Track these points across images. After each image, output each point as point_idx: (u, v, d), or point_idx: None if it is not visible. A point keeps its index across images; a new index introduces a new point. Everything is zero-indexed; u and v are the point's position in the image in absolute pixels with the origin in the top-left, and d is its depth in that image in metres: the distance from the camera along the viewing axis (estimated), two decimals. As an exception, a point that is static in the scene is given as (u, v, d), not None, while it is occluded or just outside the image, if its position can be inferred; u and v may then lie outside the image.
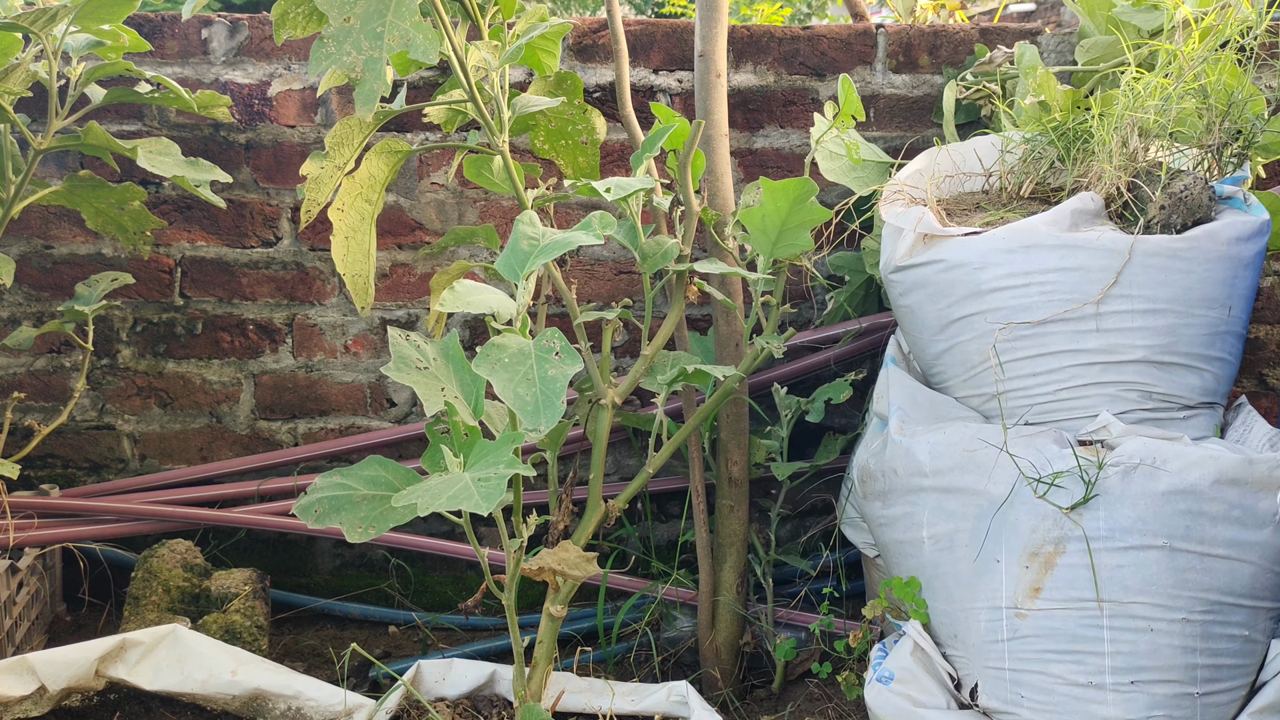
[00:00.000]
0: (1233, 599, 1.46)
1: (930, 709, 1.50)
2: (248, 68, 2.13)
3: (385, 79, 1.30)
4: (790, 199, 1.47)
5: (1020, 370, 1.58)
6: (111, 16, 1.81)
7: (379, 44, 1.30)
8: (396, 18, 1.30)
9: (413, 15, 1.31)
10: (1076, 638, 1.46)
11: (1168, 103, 1.64)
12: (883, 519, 1.65)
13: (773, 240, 1.53)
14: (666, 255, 1.51)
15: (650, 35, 2.15)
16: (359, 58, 1.29)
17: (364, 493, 1.22)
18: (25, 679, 1.62)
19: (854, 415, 2.21)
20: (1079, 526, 1.46)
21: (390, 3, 1.30)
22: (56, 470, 2.21)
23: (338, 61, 1.30)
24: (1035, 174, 1.76)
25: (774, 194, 1.48)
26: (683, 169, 1.50)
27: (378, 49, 1.30)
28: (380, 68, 1.29)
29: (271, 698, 1.66)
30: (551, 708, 1.62)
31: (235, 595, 1.92)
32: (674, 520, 2.25)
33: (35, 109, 2.05)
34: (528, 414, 1.12)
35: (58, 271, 2.17)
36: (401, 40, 1.30)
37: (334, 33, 1.30)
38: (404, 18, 1.30)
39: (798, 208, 1.48)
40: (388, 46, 1.30)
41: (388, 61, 1.31)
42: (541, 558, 1.35)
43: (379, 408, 2.23)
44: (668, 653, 2.01)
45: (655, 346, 1.53)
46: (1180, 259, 1.53)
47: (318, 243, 2.17)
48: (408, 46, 1.30)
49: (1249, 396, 2.10)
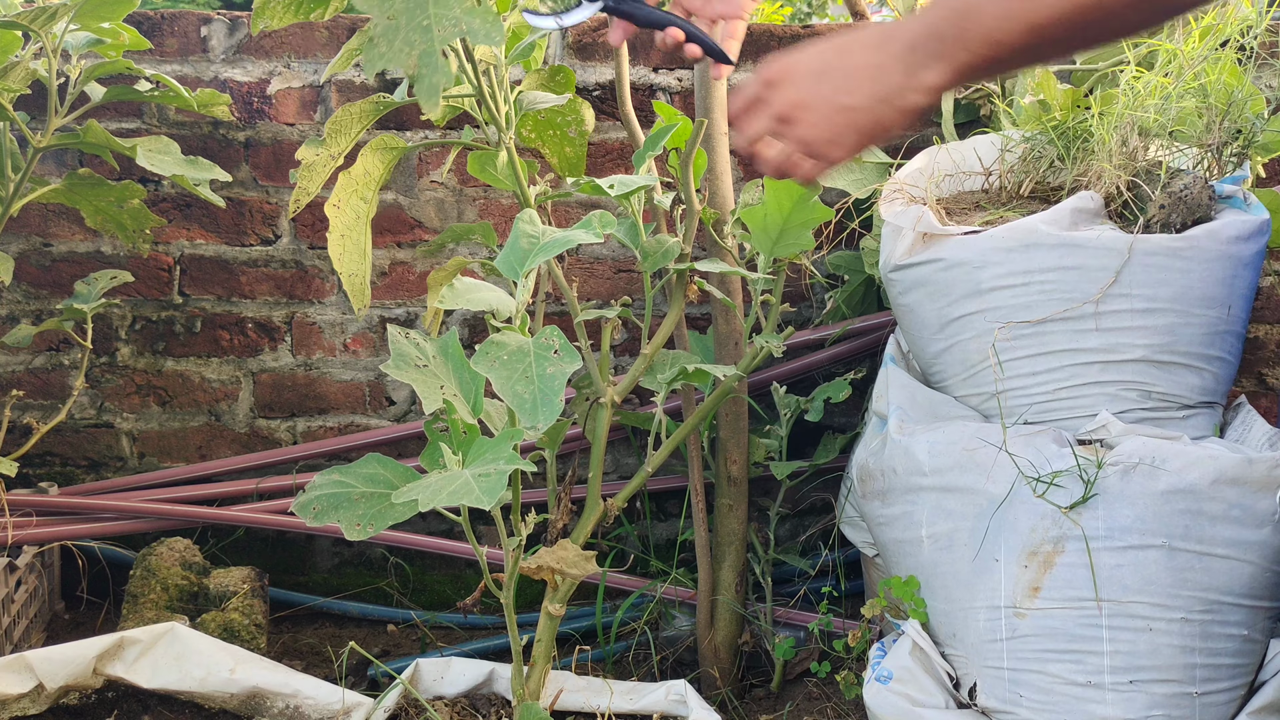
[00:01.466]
0: (1232, 598, 1.46)
1: (929, 708, 1.50)
2: (247, 65, 2.13)
3: (446, 70, 1.26)
4: (793, 197, 1.47)
5: (1019, 369, 1.58)
6: (112, 14, 1.81)
7: (429, 37, 1.26)
8: (439, 8, 1.26)
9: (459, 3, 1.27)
10: (1075, 637, 1.46)
11: (1167, 102, 1.64)
12: (882, 518, 1.65)
13: (773, 239, 1.52)
14: (667, 254, 1.50)
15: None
16: (412, 54, 1.26)
17: (362, 490, 1.22)
18: (23, 677, 1.62)
19: (853, 415, 2.21)
20: (1078, 526, 1.46)
21: None
22: (55, 468, 2.21)
23: (393, 61, 1.26)
24: (1035, 173, 1.76)
25: (777, 192, 1.47)
26: (684, 167, 1.49)
27: (429, 41, 1.26)
28: (435, 60, 1.25)
29: (269, 696, 1.66)
30: (550, 706, 1.62)
31: (234, 593, 1.92)
32: (673, 519, 2.25)
33: (34, 107, 2.05)
34: (526, 412, 1.12)
35: (56, 269, 2.16)
36: (454, 28, 1.26)
37: (382, 32, 1.27)
38: (448, 6, 1.27)
39: (800, 206, 1.47)
40: (439, 38, 1.26)
41: (445, 53, 1.26)
42: (540, 556, 1.35)
43: (378, 406, 2.23)
44: (666, 652, 2.00)
45: (655, 345, 1.53)
46: (1180, 258, 1.53)
47: (317, 241, 2.17)
48: (466, 33, 1.26)
49: (1248, 396, 2.09)
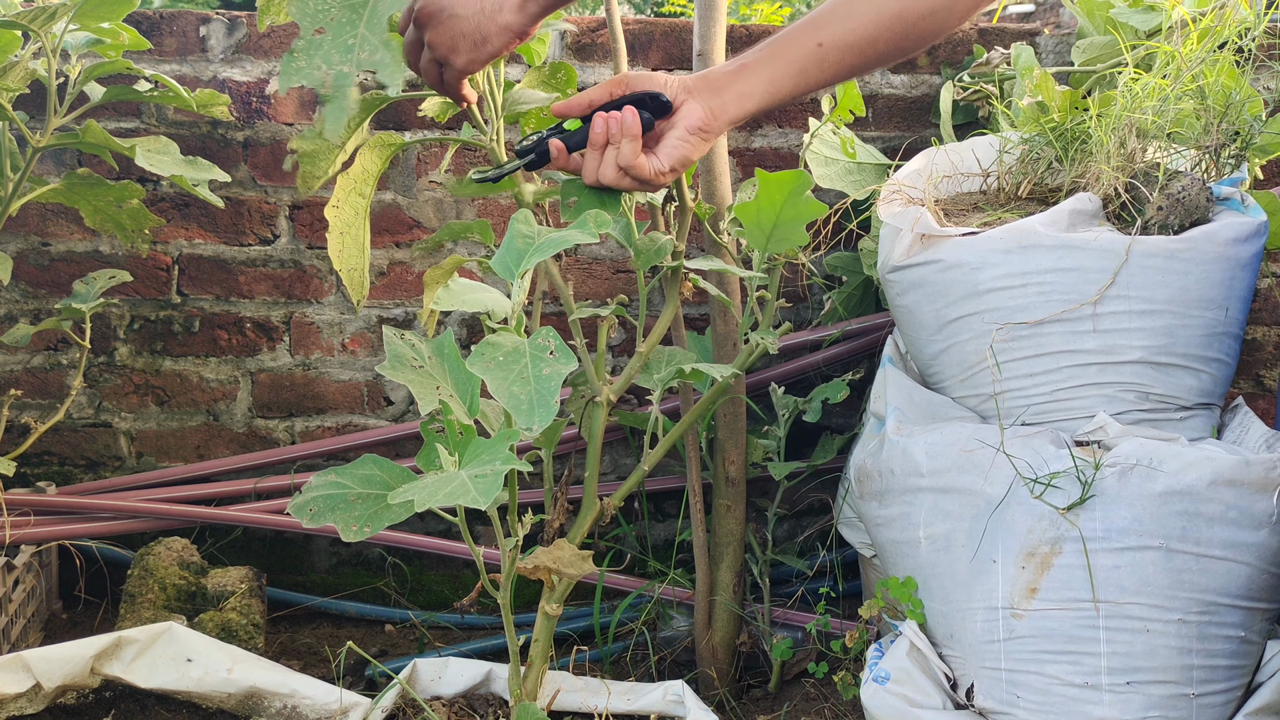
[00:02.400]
0: (1229, 600, 1.46)
1: (926, 709, 1.50)
2: (246, 65, 2.13)
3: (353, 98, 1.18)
4: (785, 192, 1.46)
5: (1017, 371, 1.58)
6: (111, 14, 1.81)
7: (350, 58, 1.18)
8: (370, 30, 1.19)
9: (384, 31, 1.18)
10: (1073, 638, 1.46)
11: (1165, 104, 1.64)
12: (879, 519, 1.65)
13: (767, 235, 1.51)
14: (661, 251, 1.49)
15: (649, 34, 2.15)
16: (328, 72, 1.17)
17: (359, 491, 1.22)
18: (20, 676, 1.62)
19: (851, 415, 2.21)
20: (1075, 527, 1.46)
21: (364, 11, 1.19)
22: (53, 468, 2.21)
23: (307, 77, 1.18)
24: (1033, 174, 1.76)
25: (769, 187, 1.46)
26: None
27: (349, 63, 1.18)
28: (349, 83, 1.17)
29: (267, 696, 1.66)
30: (547, 707, 1.62)
31: (232, 593, 1.92)
32: (671, 520, 2.25)
33: (33, 106, 2.05)
34: (522, 413, 1.12)
35: (55, 269, 2.16)
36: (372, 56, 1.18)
37: (304, 45, 1.18)
38: (376, 31, 1.19)
39: (793, 201, 1.46)
40: (359, 61, 1.18)
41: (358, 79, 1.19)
42: (537, 556, 1.34)
43: (376, 406, 2.23)
44: (664, 652, 2.00)
45: (650, 343, 1.52)
46: (1178, 260, 1.53)
47: (315, 241, 2.17)
48: (375, 66, 1.19)
49: (1246, 398, 2.10)
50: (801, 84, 1.33)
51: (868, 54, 1.33)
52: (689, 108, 1.28)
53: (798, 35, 1.34)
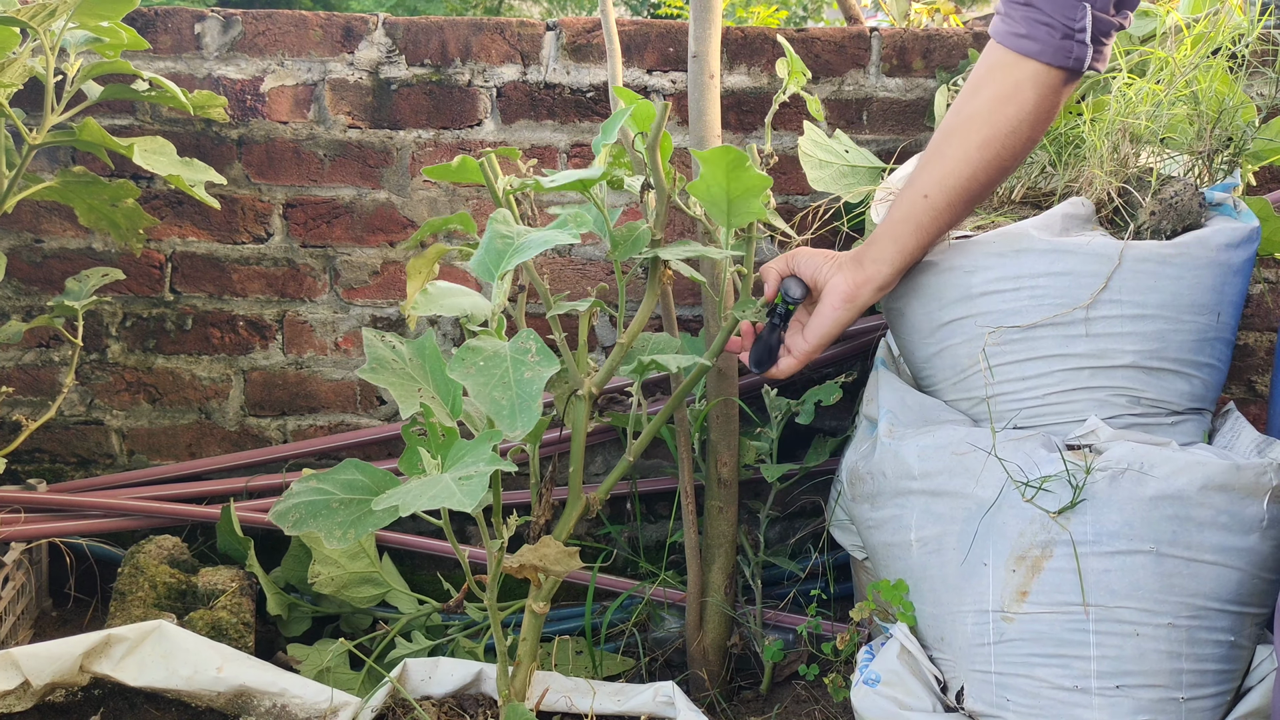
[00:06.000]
0: (1219, 604, 1.46)
1: (916, 711, 1.50)
2: (240, 63, 2.13)
3: None
4: (723, 166, 1.44)
5: (1009, 374, 1.58)
6: (111, 13, 1.81)
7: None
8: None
9: None
10: (1063, 641, 1.46)
11: (1159, 109, 1.64)
12: (871, 521, 1.65)
13: (726, 210, 1.50)
14: (638, 241, 1.48)
15: (644, 35, 2.15)
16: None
17: (341, 497, 1.20)
18: (9, 673, 1.62)
19: (844, 418, 2.21)
20: (1066, 530, 1.46)
21: None
22: (44, 465, 2.20)
23: None
24: (1026, 178, 1.76)
25: (710, 164, 1.45)
26: (651, 151, 1.46)
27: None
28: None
29: (257, 694, 1.65)
30: (535, 706, 1.62)
31: (222, 592, 1.91)
32: (663, 521, 2.25)
33: (29, 103, 2.04)
34: (504, 419, 1.10)
35: (48, 266, 2.16)
36: None
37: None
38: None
39: (735, 174, 1.45)
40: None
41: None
42: (522, 554, 1.34)
43: (368, 405, 2.23)
44: (655, 653, 2.00)
45: (631, 334, 1.51)
46: (1170, 265, 1.53)
47: (309, 239, 2.17)
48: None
49: (1237, 403, 2.10)
50: (923, 236, 1.51)
51: (971, 188, 1.47)
52: (834, 281, 1.52)
53: (904, 193, 1.51)
